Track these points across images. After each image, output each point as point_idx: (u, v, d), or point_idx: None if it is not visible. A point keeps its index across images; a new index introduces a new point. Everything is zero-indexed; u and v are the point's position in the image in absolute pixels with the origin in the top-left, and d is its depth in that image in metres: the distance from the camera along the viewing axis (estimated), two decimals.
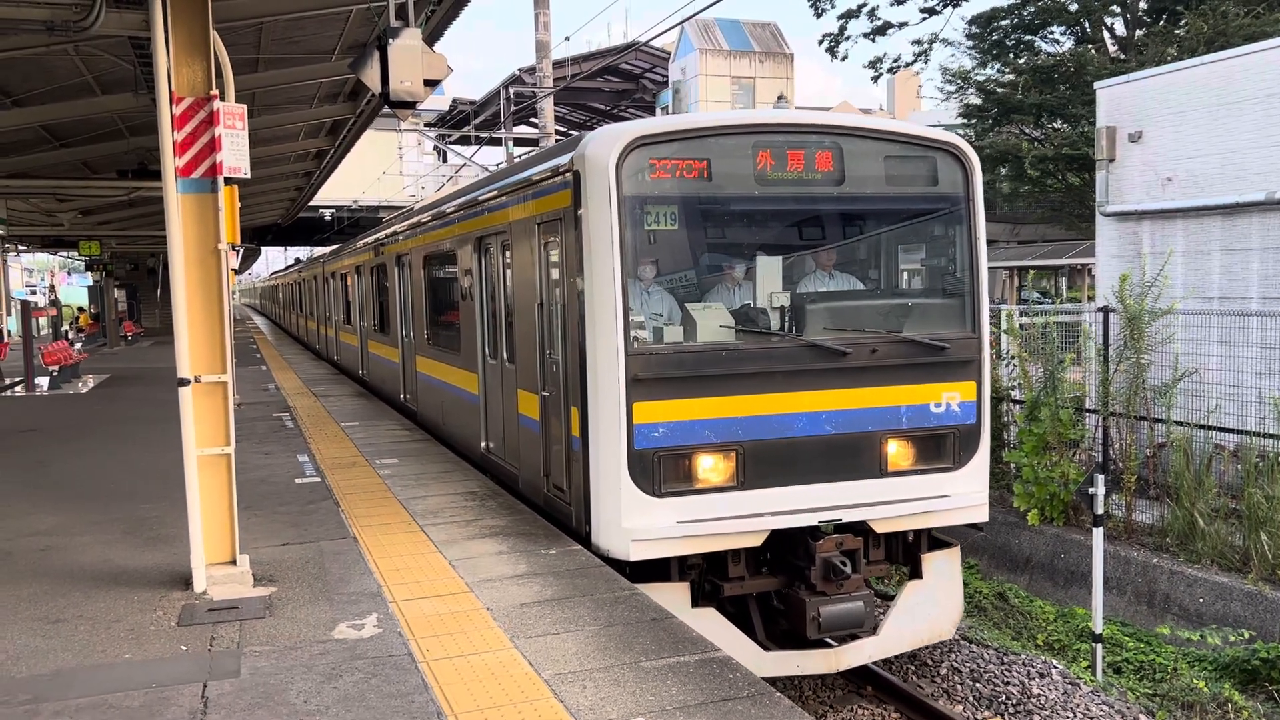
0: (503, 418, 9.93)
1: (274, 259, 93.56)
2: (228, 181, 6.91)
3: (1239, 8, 25.30)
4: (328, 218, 44.41)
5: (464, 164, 30.86)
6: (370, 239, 18.90)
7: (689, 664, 5.42)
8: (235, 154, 6.86)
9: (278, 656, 5.68)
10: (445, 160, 46.31)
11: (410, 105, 7.34)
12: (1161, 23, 29.12)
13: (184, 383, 6.73)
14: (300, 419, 15.51)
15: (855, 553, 7.71)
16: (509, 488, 9.73)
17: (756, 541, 7.52)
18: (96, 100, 13.30)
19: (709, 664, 5.41)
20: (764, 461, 7.53)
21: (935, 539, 8.38)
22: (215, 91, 6.80)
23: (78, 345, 28.66)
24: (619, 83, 44.11)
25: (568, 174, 7.62)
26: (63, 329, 38.10)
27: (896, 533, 8.14)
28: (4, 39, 10.11)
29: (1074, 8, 29.69)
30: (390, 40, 7.10)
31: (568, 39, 27.28)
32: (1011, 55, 31.43)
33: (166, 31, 6.61)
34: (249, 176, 6.98)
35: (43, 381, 21.61)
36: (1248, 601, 9.62)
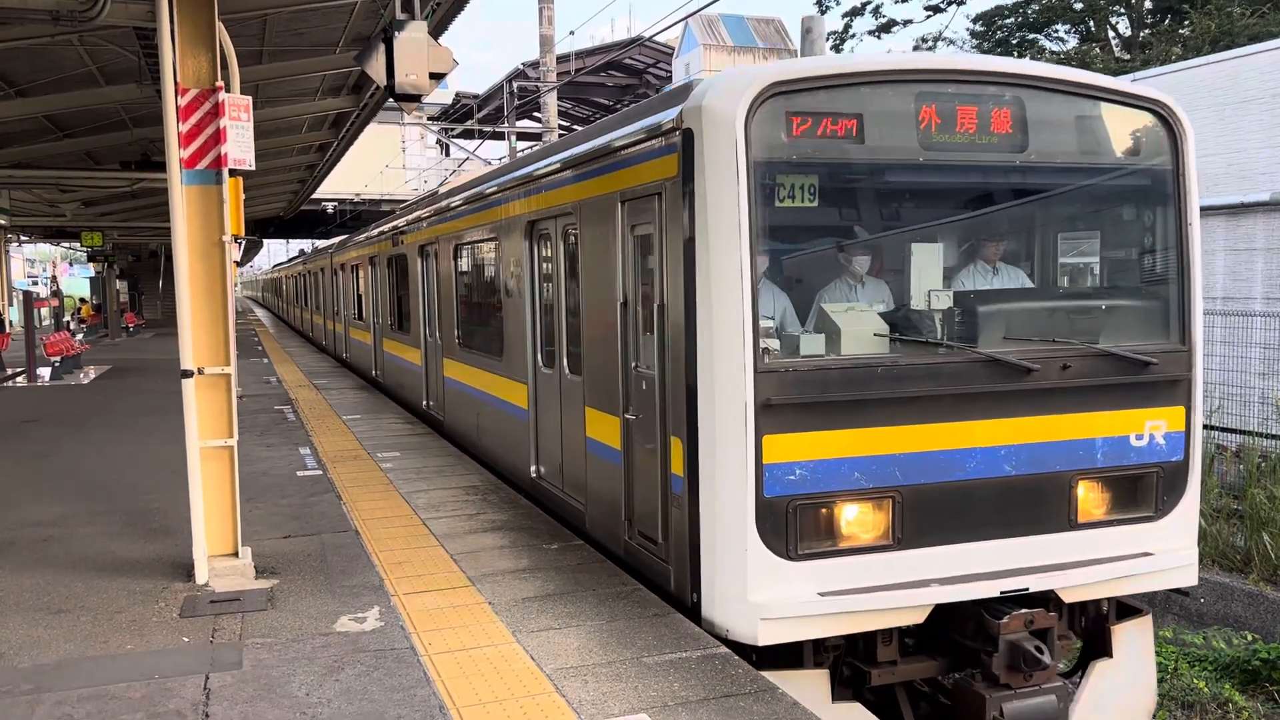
0: (561, 440, 8.36)
1: (276, 251, 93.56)
2: (232, 173, 6.91)
3: (1244, 7, 25.27)
4: (330, 210, 44.43)
5: (467, 158, 30.84)
6: (388, 226, 17.18)
7: (691, 659, 5.42)
8: (240, 146, 6.85)
9: (280, 649, 5.68)
10: (448, 154, 46.30)
11: (415, 98, 7.33)
12: (1166, 22, 29.08)
13: (187, 374, 6.74)
14: (302, 412, 15.51)
15: (1048, 632, 5.96)
16: (569, 524, 8.17)
17: (918, 618, 5.84)
18: (100, 91, 13.29)
19: (711, 659, 5.41)
20: (927, 512, 5.89)
21: (1122, 604, 6.70)
22: (220, 83, 6.79)
23: (79, 336, 28.67)
24: (622, 78, 44.04)
25: (672, 134, 5.98)
26: (64, 320, 38.10)
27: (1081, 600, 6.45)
28: (9, 28, 10.10)
29: (1079, 6, 29.67)
30: (396, 33, 7.08)
31: (572, 33, 27.23)
32: (1016, 54, 31.40)
33: (172, 22, 6.60)
34: (254, 169, 6.97)
35: (44, 372, 21.62)
36: (1249, 602, 9.62)
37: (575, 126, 41.06)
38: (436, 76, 7.17)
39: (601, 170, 7.18)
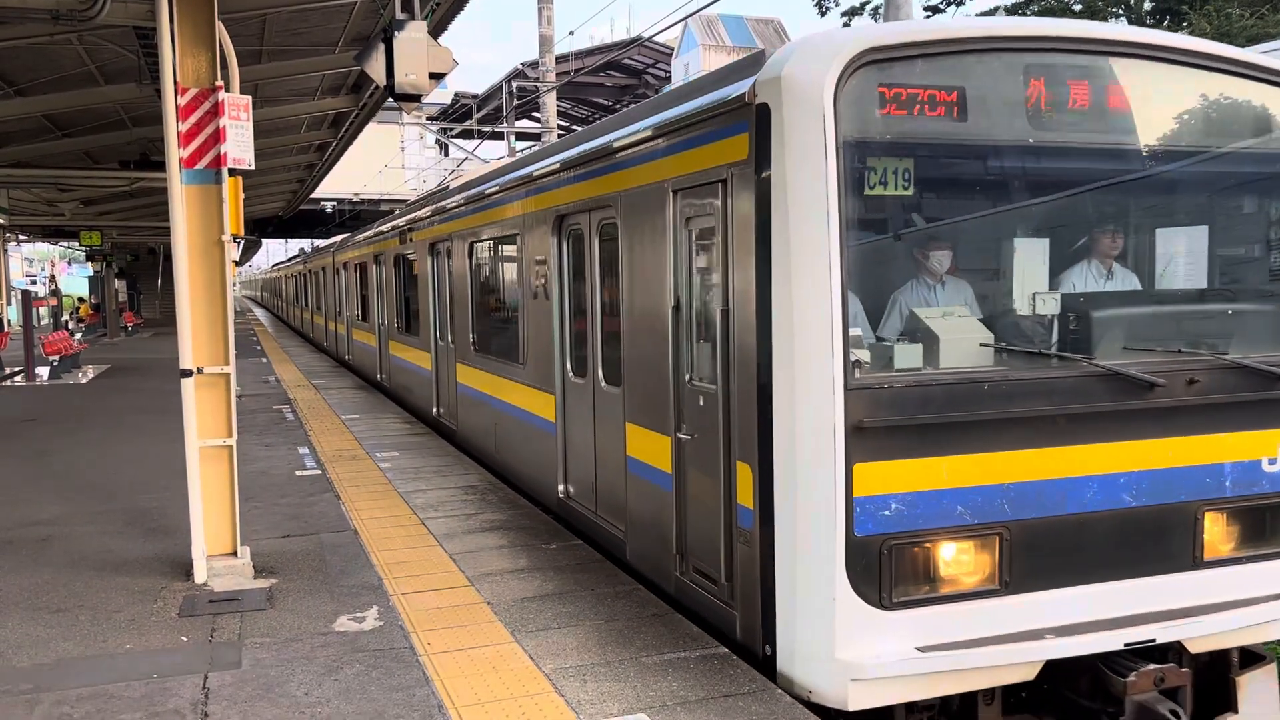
0: (595, 457, 7.60)
1: (274, 251, 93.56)
2: (232, 173, 6.91)
3: (1243, 9, 25.31)
4: (329, 210, 44.44)
5: (465, 158, 30.84)
6: (395, 223, 16.30)
7: (690, 659, 5.42)
8: (239, 145, 6.85)
9: (279, 648, 5.68)
10: (447, 154, 46.31)
11: (415, 98, 7.34)
12: (1166, 23, 29.13)
13: (186, 374, 6.74)
14: (301, 411, 15.51)
15: (1180, 691, 5.21)
16: (605, 552, 7.43)
17: (1028, 675, 5.09)
18: (99, 90, 13.29)
19: (710, 659, 5.41)
20: (1037, 551, 5.13)
21: (1244, 650, 5.83)
22: (220, 82, 6.79)
23: (78, 335, 28.65)
24: (621, 78, 44.04)
25: (741, 111, 5.17)
26: (63, 319, 38.09)
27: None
28: (8, 28, 10.09)
29: (1078, 7, 29.70)
30: (396, 33, 7.09)
31: (571, 33, 27.23)
32: None
33: (172, 22, 6.60)
34: (253, 168, 6.97)
35: (43, 371, 21.62)
36: None
37: (575, 126, 41.08)
38: (436, 76, 7.18)
39: (648, 157, 6.39)
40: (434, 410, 13.42)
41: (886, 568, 4.90)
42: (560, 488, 8.35)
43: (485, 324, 10.93)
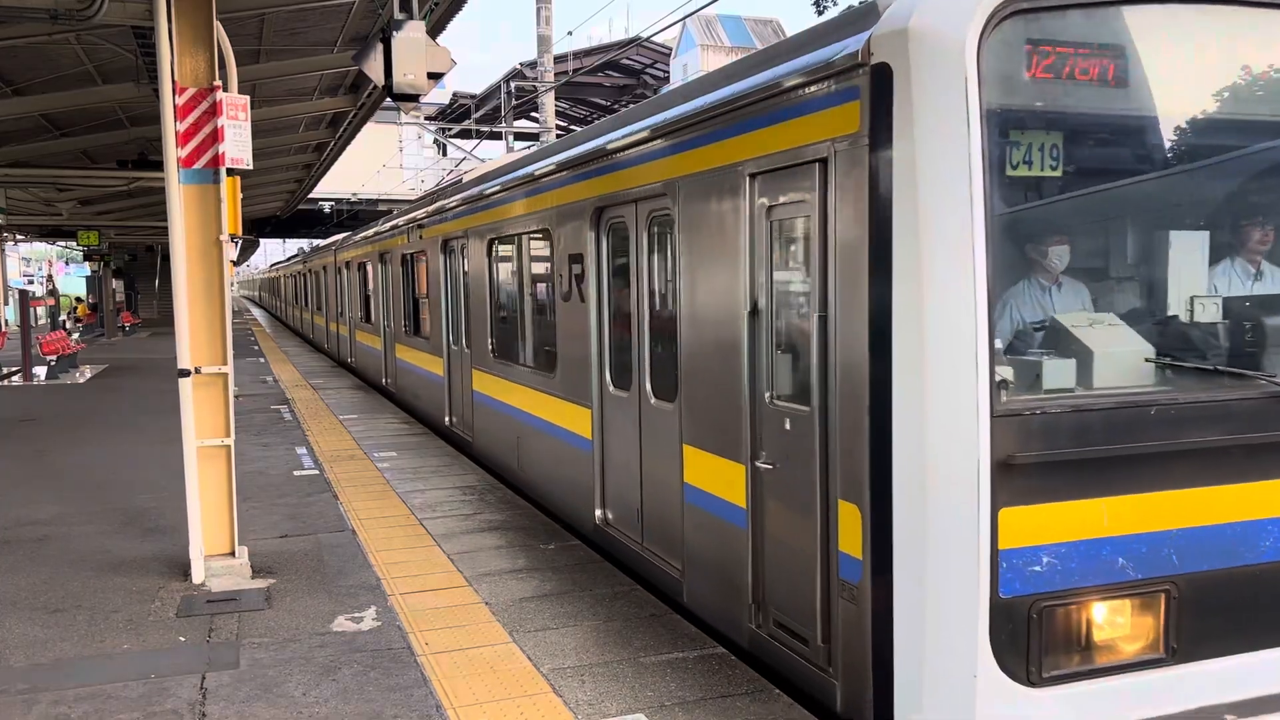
0: (642, 482, 6.75)
1: (273, 251, 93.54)
2: (230, 173, 6.91)
3: None
4: (327, 210, 44.43)
5: (464, 158, 30.84)
6: (403, 219, 15.38)
7: (688, 660, 5.42)
8: (238, 145, 6.84)
9: (276, 648, 5.68)
10: (445, 154, 46.29)
11: (413, 98, 7.33)
12: None
13: (184, 374, 6.74)
14: (299, 411, 15.51)
15: None
16: (654, 589, 6.61)
17: None
18: (97, 90, 13.29)
19: (708, 660, 5.41)
20: (1210, 610, 4.29)
21: None
22: (218, 82, 6.79)
23: (75, 335, 28.61)
24: (620, 78, 44.03)
25: (849, 75, 4.29)
26: (60, 319, 38.05)
27: None
28: (7, 27, 10.09)
29: None
30: (394, 33, 7.08)
31: (570, 33, 27.23)
32: None
33: (170, 21, 6.60)
34: (251, 168, 6.97)
35: (40, 371, 21.60)
36: None
37: (573, 126, 41.08)
38: (435, 76, 7.17)
39: (716, 136, 5.47)
40: (446, 419, 12.58)
41: (1036, 635, 4.06)
42: (597, 513, 7.47)
43: (506, 328, 10.08)
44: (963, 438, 3.92)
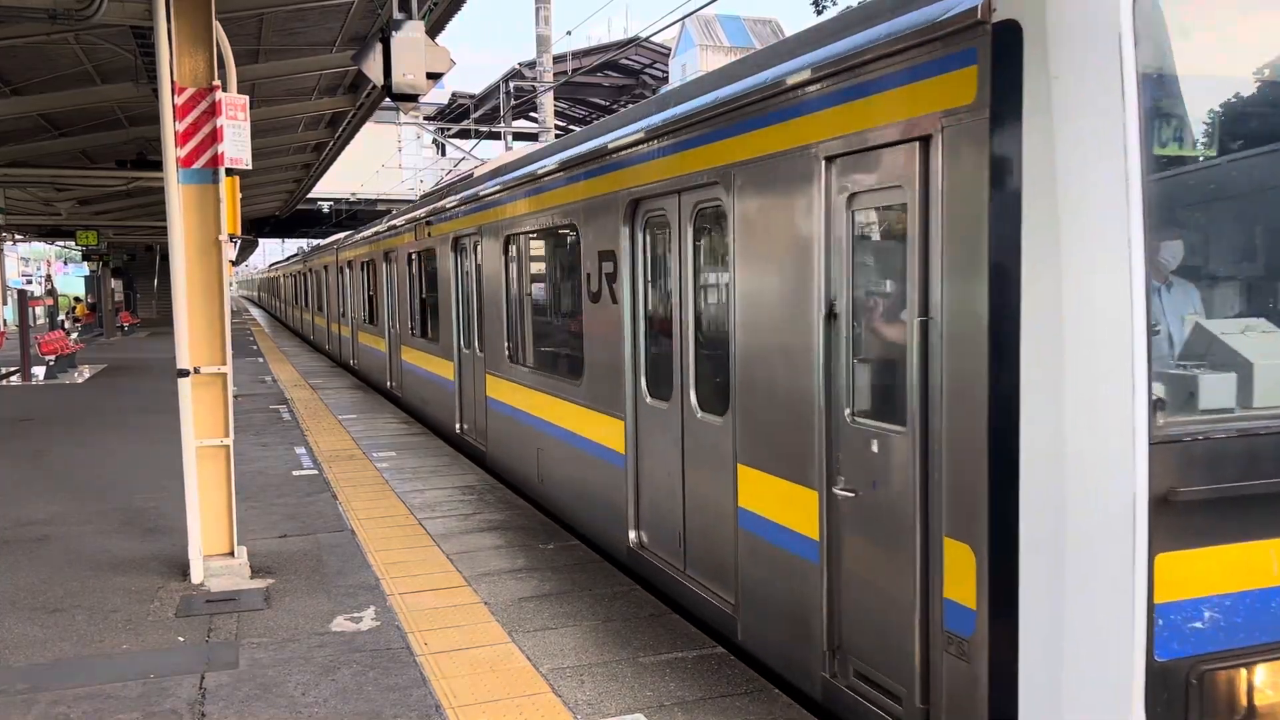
0: (684, 503, 6.14)
1: (271, 250, 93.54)
2: (229, 172, 6.91)
3: None
4: (326, 210, 44.43)
5: (463, 157, 30.82)
6: (411, 216, 14.64)
7: (687, 660, 5.42)
8: (237, 145, 6.85)
9: (275, 648, 5.68)
10: (444, 154, 46.28)
11: (413, 98, 7.33)
12: None
13: (183, 374, 6.74)
14: (298, 411, 15.50)
15: None
16: (700, 623, 5.98)
17: None
18: (96, 89, 13.27)
19: (707, 660, 5.41)
20: None
21: None
22: (218, 82, 6.79)
23: (74, 335, 28.61)
24: (619, 78, 44.03)
25: (961, 36, 3.64)
26: (59, 319, 38.03)
27: None
28: (6, 27, 10.08)
29: None
30: (393, 32, 7.08)
31: (569, 33, 27.25)
32: None
33: (169, 21, 6.60)
34: (250, 168, 6.97)
35: (39, 371, 21.61)
36: None
37: (572, 126, 41.10)
38: (434, 76, 7.17)
39: (780, 116, 4.79)
40: (457, 426, 11.92)
41: (1196, 705, 3.44)
42: (631, 535, 6.85)
43: (525, 331, 9.42)
44: (1114, 468, 3.27)
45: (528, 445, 9.08)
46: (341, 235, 25.59)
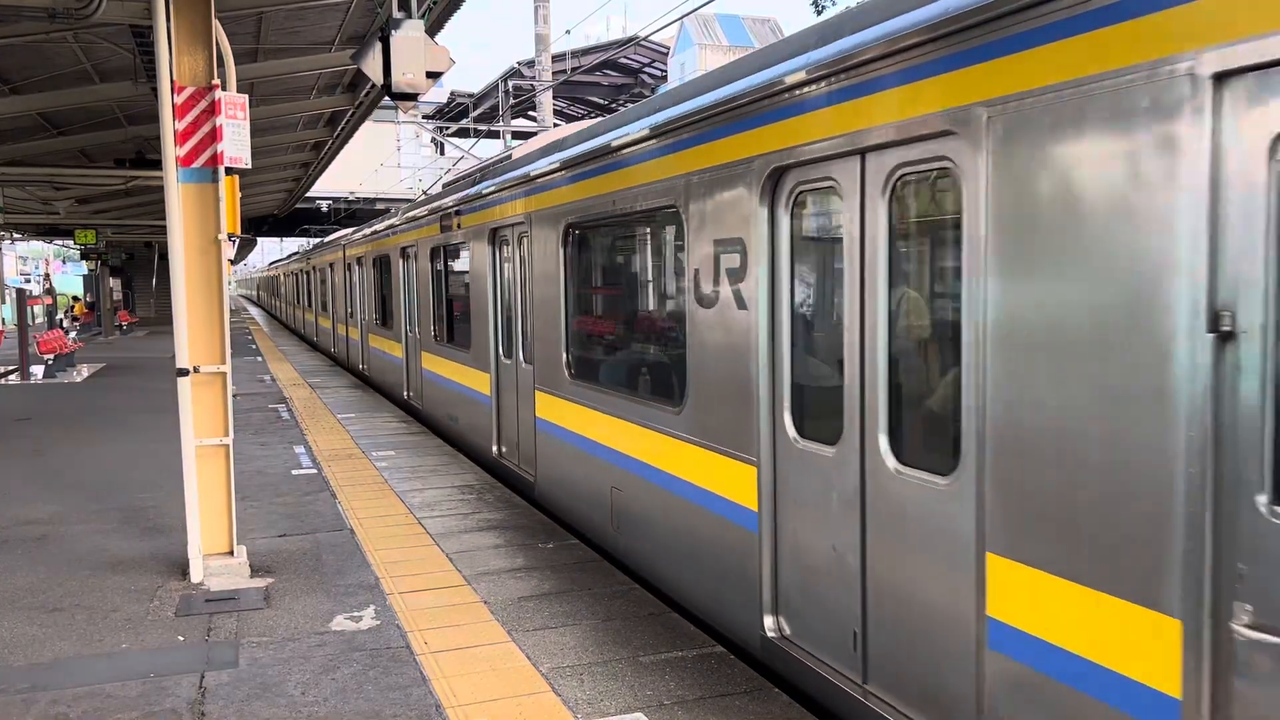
0: (863, 590, 4.51)
1: (270, 249, 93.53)
2: (228, 171, 6.91)
3: None
4: (324, 209, 44.45)
5: (461, 156, 30.83)
6: (431, 208, 13.07)
7: (687, 659, 5.42)
8: (236, 144, 6.84)
9: (275, 648, 5.68)
10: (443, 153, 46.30)
11: (412, 97, 7.33)
12: None
13: (183, 373, 6.74)
14: (297, 410, 15.50)
15: None
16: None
17: None
18: (95, 88, 13.28)
19: (707, 659, 5.42)
20: None
21: None
22: (217, 81, 6.79)
23: (73, 334, 28.59)
24: (618, 77, 44.06)
25: None
26: (58, 318, 38.01)
27: None
28: (5, 26, 10.07)
29: None
30: (393, 32, 7.08)
31: (568, 32, 27.26)
32: None
33: (169, 20, 6.59)
34: (250, 167, 6.97)
35: (38, 370, 21.60)
36: None
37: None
38: (434, 75, 7.17)
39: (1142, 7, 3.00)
40: (494, 448, 10.31)
41: None
42: (769, 622, 5.21)
43: (594, 340, 7.90)
44: None
45: (597, 482, 7.46)
46: (348, 230, 24.36)
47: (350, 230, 23.71)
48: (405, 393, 15.34)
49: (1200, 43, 2.82)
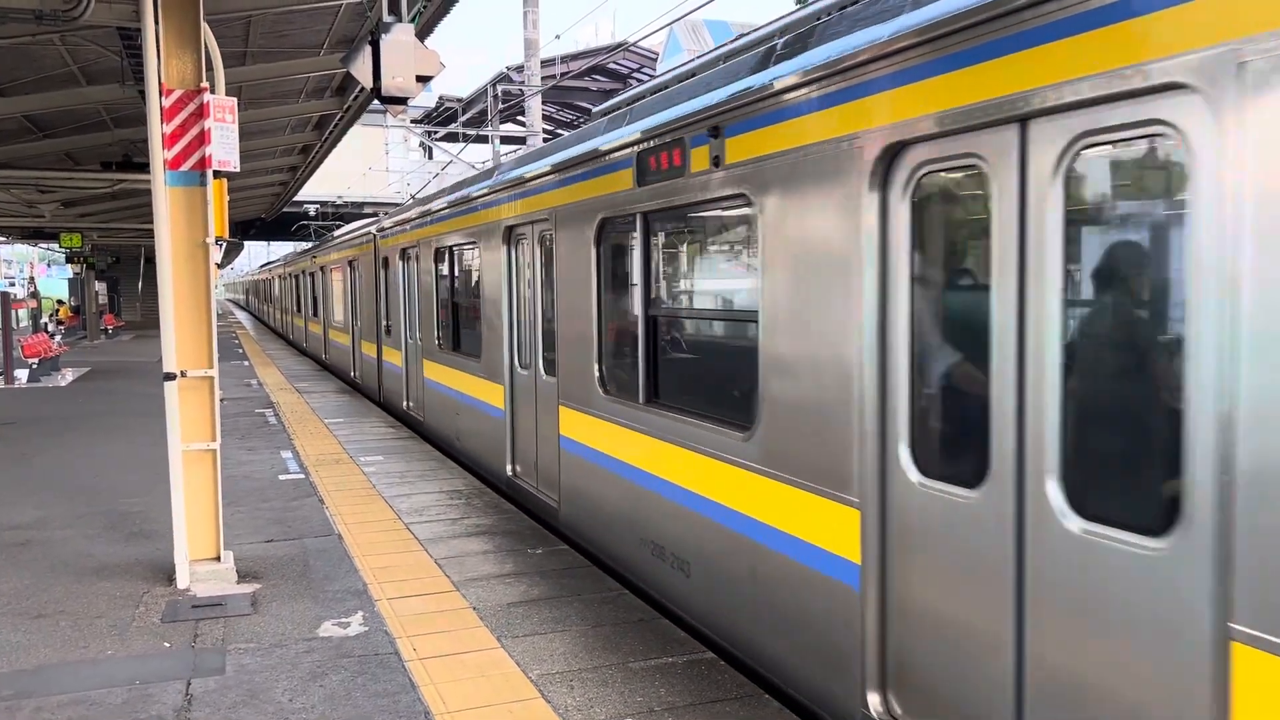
0: (1018, 681, 3.56)
1: (257, 254, 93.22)
2: (217, 175, 6.87)
3: None
4: (312, 213, 44.32)
5: (450, 161, 30.81)
6: (433, 207, 12.13)
7: (677, 665, 5.41)
8: (225, 147, 6.81)
9: (262, 654, 5.63)
10: (431, 157, 46.22)
11: (402, 101, 7.29)
12: None
13: (170, 377, 6.69)
14: (284, 415, 15.43)
15: None
16: None
17: None
18: (82, 91, 13.20)
19: (697, 665, 5.40)
20: None
21: None
22: (205, 84, 6.76)
23: (57, 338, 28.42)
24: (607, 82, 44.10)
25: None
26: (42, 321, 37.77)
27: None
28: None
29: None
30: (382, 35, 7.06)
31: (557, 37, 27.24)
32: None
33: (157, 23, 6.56)
34: (238, 170, 6.93)
35: (22, 374, 21.43)
36: None
37: (560, 131, 41.08)
38: (423, 79, 7.15)
39: None
40: (508, 468, 9.37)
41: None
42: (874, 700, 4.31)
43: (633, 353, 6.73)
44: None
45: (644, 518, 6.50)
46: (347, 227, 23.24)
47: (345, 231, 22.88)
48: (405, 403, 14.45)
49: None
